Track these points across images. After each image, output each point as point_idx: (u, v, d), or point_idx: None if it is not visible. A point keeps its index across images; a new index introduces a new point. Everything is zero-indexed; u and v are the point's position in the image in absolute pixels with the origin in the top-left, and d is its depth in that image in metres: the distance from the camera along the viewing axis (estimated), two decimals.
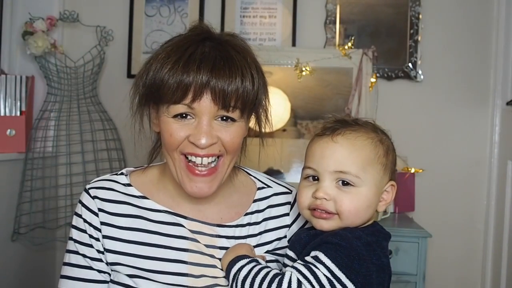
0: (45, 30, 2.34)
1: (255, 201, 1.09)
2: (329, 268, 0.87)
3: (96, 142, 2.42)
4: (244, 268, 0.91)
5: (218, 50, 0.95)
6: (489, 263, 2.42)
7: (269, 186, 1.13)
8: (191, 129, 0.94)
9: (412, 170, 2.34)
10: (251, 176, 1.14)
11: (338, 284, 0.86)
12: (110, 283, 1.01)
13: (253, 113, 1.03)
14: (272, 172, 2.42)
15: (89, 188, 1.04)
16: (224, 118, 0.96)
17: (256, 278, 0.89)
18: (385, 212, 2.18)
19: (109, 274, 1.01)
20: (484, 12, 2.47)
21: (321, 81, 2.46)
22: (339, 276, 0.86)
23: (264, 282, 0.88)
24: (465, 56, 2.48)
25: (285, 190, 1.14)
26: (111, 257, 0.99)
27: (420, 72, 2.48)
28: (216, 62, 0.93)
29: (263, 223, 1.07)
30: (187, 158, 0.96)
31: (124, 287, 0.98)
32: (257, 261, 0.94)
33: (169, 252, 0.98)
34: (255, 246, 1.04)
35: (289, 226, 1.08)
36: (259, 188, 1.12)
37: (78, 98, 2.41)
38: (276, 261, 1.05)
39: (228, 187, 1.09)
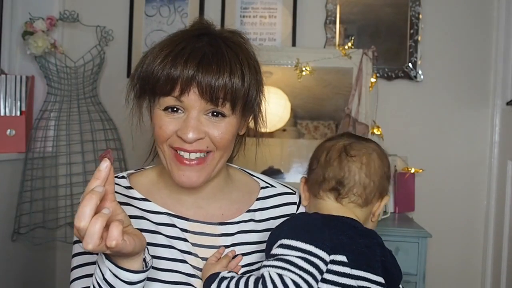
0: (45, 30, 2.34)
1: (258, 199, 1.09)
2: (296, 247, 0.89)
3: (96, 142, 2.41)
4: (230, 286, 0.90)
5: (210, 45, 0.95)
6: (489, 263, 2.42)
7: (272, 186, 1.13)
8: (180, 123, 0.95)
9: (412, 170, 2.34)
10: (253, 177, 1.15)
11: (312, 257, 0.88)
12: None
13: (251, 112, 1.03)
14: (272, 172, 2.42)
15: None
16: (215, 113, 0.96)
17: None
18: (385, 212, 2.18)
19: None
20: (484, 12, 2.47)
21: (321, 81, 2.46)
22: (309, 250, 0.88)
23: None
24: (465, 56, 2.48)
25: (289, 190, 1.14)
26: None
27: (420, 72, 2.48)
28: (204, 57, 0.93)
29: (270, 221, 1.07)
30: (176, 151, 0.98)
31: None
32: (226, 276, 0.93)
33: (174, 252, 0.98)
34: (259, 243, 1.03)
35: None
36: (262, 187, 1.12)
37: (78, 98, 2.41)
38: None
39: (228, 185, 1.09)
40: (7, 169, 2.30)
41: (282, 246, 0.90)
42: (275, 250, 0.91)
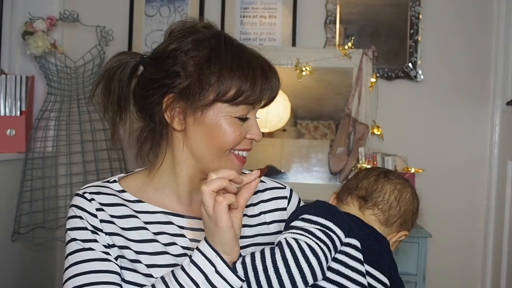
0: (45, 30, 2.34)
1: None
2: (316, 221, 0.91)
3: (96, 142, 2.41)
4: (246, 260, 0.88)
5: (256, 53, 1.00)
6: (489, 263, 2.42)
7: (262, 181, 1.13)
8: (246, 127, 0.98)
9: (412, 170, 2.34)
10: (242, 173, 1.14)
11: (330, 232, 0.90)
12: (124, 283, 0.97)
13: None
14: (272, 172, 2.42)
15: (84, 193, 1.00)
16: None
17: (256, 262, 0.87)
18: None
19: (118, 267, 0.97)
20: (484, 12, 2.47)
21: (321, 81, 2.46)
22: (328, 225, 0.91)
23: (266, 259, 0.86)
24: (465, 56, 2.48)
25: (279, 185, 1.15)
26: (129, 253, 0.98)
27: (420, 72, 2.48)
28: (266, 62, 1.00)
29: (261, 216, 1.08)
30: (234, 153, 1.00)
31: (138, 286, 0.96)
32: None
33: (175, 248, 0.99)
34: (252, 237, 1.04)
35: None
36: None
37: (78, 98, 2.41)
38: None
39: None
40: (7, 169, 2.30)
41: (303, 219, 0.93)
42: (295, 223, 0.93)
